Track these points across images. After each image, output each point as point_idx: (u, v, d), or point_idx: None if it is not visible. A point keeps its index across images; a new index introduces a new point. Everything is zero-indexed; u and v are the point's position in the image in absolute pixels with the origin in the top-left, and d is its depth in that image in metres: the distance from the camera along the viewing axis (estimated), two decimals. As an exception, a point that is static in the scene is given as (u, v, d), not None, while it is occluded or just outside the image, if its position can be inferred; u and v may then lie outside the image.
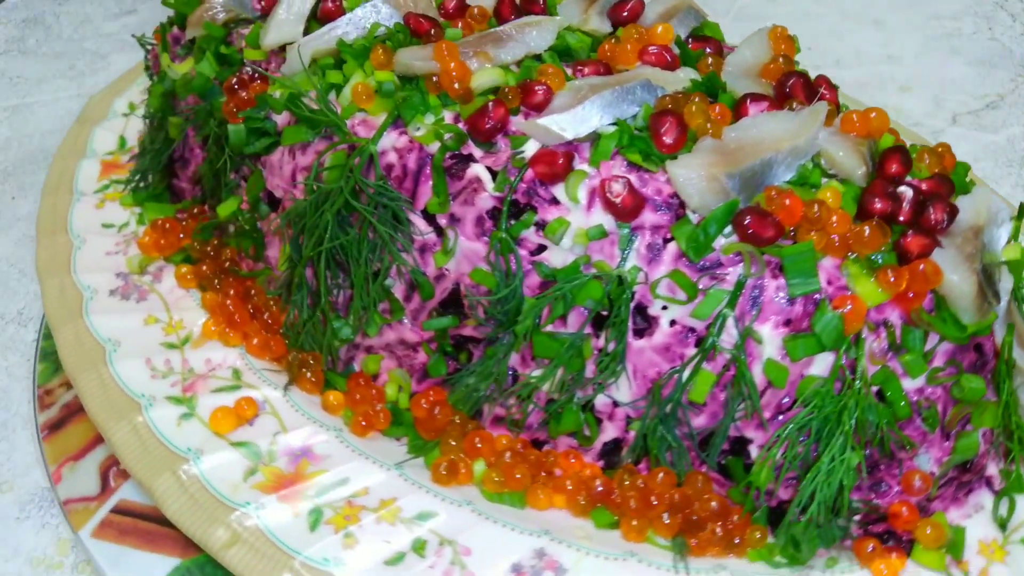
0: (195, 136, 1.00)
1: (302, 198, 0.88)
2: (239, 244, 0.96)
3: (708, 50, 0.86)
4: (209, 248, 0.97)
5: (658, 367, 0.77)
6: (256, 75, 0.90)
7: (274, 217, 0.92)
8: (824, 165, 0.76)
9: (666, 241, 0.74)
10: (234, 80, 0.89)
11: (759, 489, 0.76)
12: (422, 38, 0.87)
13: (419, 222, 0.83)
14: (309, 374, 0.88)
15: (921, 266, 0.69)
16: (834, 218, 0.71)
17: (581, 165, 0.77)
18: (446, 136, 0.79)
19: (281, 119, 0.89)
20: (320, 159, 0.84)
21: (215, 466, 0.80)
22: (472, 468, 0.81)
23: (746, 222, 0.71)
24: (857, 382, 0.70)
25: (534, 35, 0.85)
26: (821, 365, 0.72)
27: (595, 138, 0.77)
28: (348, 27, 0.88)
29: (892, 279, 0.70)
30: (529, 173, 0.78)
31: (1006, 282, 0.74)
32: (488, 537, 0.76)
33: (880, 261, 0.71)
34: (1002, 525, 0.75)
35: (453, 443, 0.82)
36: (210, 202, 1.02)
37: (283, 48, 0.91)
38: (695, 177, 0.72)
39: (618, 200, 0.74)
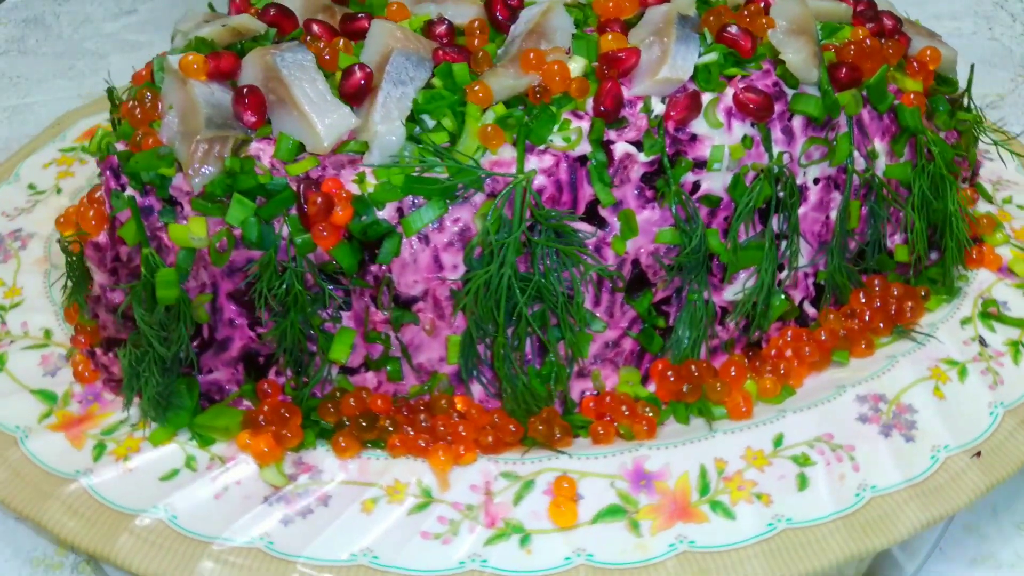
0: (224, 303, 0.80)
1: (458, 276, 0.80)
2: (389, 374, 0.82)
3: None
4: (350, 399, 0.81)
5: (819, 221, 0.92)
6: (327, 183, 0.76)
7: (429, 317, 0.81)
8: (818, 17, 0.96)
9: (789, 119, 0.88)
10: (318, 199, 0.75)
11: (903, 263, 0.97)
12: (470, 65, 0.83)
13: (582, 226, 0.83)
14: (557, 431, 0.83)
15: (928, 53, 0.95)
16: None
17: (704, 96, 0.85)
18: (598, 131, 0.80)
19: (388, 213, 0.78)
20: (483, 219, 0.77)
21: (605, 549, 0.74)
22: (748, 392, 0.88)
23: (842, 74, 0.88)
24: (935, 147, 0.94)
25: (557, 19, 0.87)
26: (906, 152, 0.94)
27: (696, 70, 0.86)
28: (397, 87, 0.79)
29: (917, 68, 0.94)
30: (668, 125, 0.83)
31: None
32: (831, 422, 0.84)
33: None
34: (987, 196, 1.07)
35: (719, 387, 0.87)
36: (280, 366, 0.84)
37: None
38: (807, 56, 0.86)
39: (755, 105, 0.84)
